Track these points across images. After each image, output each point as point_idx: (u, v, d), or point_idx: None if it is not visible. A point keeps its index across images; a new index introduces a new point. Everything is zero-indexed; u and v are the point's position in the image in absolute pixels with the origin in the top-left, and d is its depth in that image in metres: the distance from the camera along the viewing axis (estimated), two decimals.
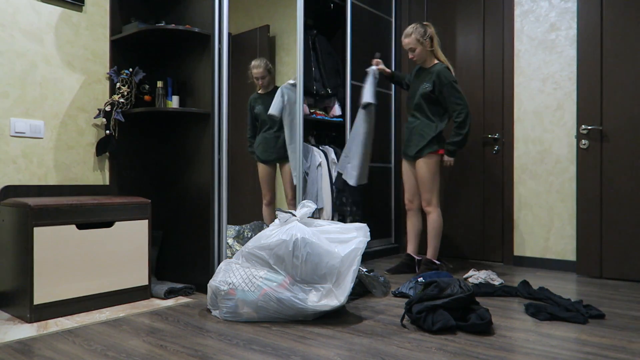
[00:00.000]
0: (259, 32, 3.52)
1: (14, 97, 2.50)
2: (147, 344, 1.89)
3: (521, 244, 3.65)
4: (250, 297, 2.15)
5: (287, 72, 3.41)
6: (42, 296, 2.20)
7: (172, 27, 2.66)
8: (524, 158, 3.64)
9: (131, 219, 2.53)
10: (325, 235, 2.30)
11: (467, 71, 3.91)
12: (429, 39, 3.16)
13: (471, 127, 3.18)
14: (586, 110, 3.22)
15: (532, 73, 3.60)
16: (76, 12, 2.73)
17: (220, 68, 2.73)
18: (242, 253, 2.30)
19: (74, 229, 2.31)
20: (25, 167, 2.53)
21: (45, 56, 2.61)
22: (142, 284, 2.57)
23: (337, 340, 1.94)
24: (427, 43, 3.16)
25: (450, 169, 3.75)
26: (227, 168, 2.75)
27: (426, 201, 3.23)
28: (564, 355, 1.78)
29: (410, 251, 3.42)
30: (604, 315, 2.27)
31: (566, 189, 3.45)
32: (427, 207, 3.24)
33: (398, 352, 1.81)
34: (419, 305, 2.10)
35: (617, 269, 3.13)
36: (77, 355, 1.76)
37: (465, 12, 3.94)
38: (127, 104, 2.79)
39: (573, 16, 3.42)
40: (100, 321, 2.20)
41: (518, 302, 2.55)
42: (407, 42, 3.18)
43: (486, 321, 2.01)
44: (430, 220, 3.25)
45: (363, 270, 2.68)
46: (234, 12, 3.08)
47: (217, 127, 2.73)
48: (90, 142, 2.81)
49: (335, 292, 2.18)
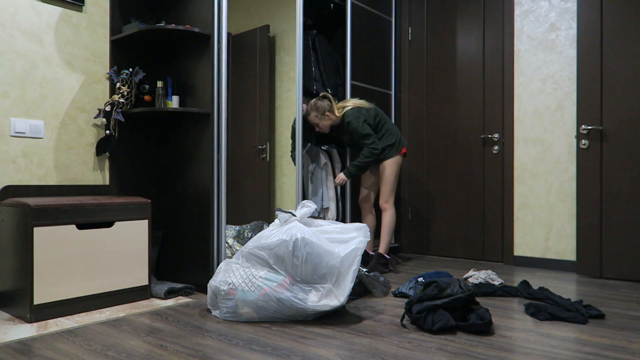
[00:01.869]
0: (259, 32, 3.52)
1: (14, 97, 2.50)
2: (147, 344, 1.89)
3: (521, 244, 3.65)
4: (250, 297, 2.15)
5: (287, 72, 3.41)
6: (42, 296, 2.20)
7: (172, 27, 2.66)
8: (524, 158, 3.64)
9: (131, 219, 2.53)
10: (325, 235, 2.30)
11: (467, 71, 3.91)
12: (328, 109, 3.32)
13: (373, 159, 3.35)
14: (586, 110, 3.23)
15: (532, 73, 3.60)
16: (76, 12, 2.73)
17: (220, 68, 2.73)
18: (242, 253, 2.30)
19: (74, 229, 2.31)
20: (25, 167, 2.53)
21: (45, 56, 2.61)
22: (142, 284, 2.57)
23: (337, 340, 1.94)
24: (328, 114, 3.32)
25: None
26: (226, 168, 2.75)
27: (385, 199, 3.42)
28: (564, 355, 1.78)
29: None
30: (604, 315, 2.27)
31: (566, 189, 3.45)
32: (385, 204, 3.43)
33: (398, 352, 1.81)
34: (419, 305, 2.10)
35: (617, 269, 3.13)
36: (77, 355, 1.76)
37: (465, 12, 3.94)
38: (127, 104, 2.79)
39: (573, 16, 3.42)
40: (100, 321, 2.20)
41: (518, 302, 2.55)
42: (311, 119, 3.36)
43: (486, 321, 2.01)
44: (388, 216, 3.42)
45: (363, 270, 2.68)
46: (234, 12, 3.08)
47: (217, 127, 2.73)
48: (90, 142, 2.81)
49: (335, 292, 2.18)
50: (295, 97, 3.23)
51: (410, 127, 4.21)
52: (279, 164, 3.47)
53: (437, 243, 4.08)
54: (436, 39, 4.08)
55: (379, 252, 3.41)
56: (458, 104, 3.96)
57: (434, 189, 4.09)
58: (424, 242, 4.15)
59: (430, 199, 4.11)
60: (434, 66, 4.09)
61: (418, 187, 4.17)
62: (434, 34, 4.10)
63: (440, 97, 4.06)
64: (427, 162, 4.13)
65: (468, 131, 3.91)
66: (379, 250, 3.42)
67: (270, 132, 3.52)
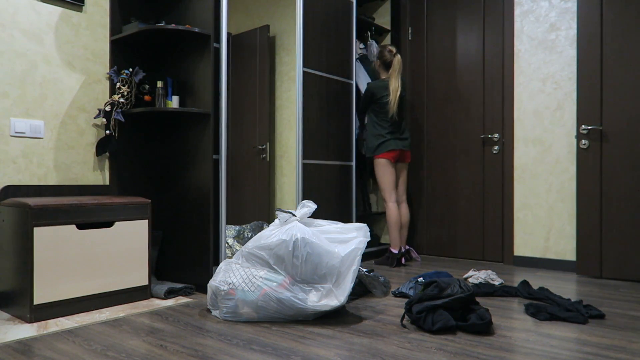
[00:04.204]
0: (259, 32, 3.52)
1: (14, 97, 2.50)
2: (147, 344, 1.89)
3: (521, 244, 3.65)
4: (250, 297, 2.15)
5: (287, 72, 3.41)
6: (42, 296, 2.20)
7: (172, 27, 2.66)
8: (524, 158, 3.64)
9: (131, 219, 2.53)
10: (325, 235, 2.30)
11: (467, 71, 3.91)
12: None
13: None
14: (586, 110, 3.23)
15: (532, 73, 3.60)
16: (76, 12, 2.73)
17: (220, 68, 2.73)
18: (242, 253, 2.30)
19: (74, 229, 2.31)
20: (25, 167, 2.53)
21: (45, 56, 2.61)
22: (142, 284, 2.57)
23: (337, 340, 1.94)
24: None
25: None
26: (226, 168, 2.75)
27: (403, 196, 3.70)
28: (564, 355, 1.78)
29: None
30: (604, 315, 2.27)
31: (566, 189, 3.45)
32: (403, 202, 3.71)
33: (398, 352, 1.81)
34: (419, 305, 2.10)
35: (617, 269, 3.13)
36: (77, 355, 1.76)
37: (465, 12, 3.94)
38: (127, 104, 2.79)
39: (573, 16, 3.42)
40: (100, 321, 2.20)
41: (518, 302, 2.55)
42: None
43: (486, 321, 2.01)
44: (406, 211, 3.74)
45: (363, 270, 2.68)
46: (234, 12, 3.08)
47: (217, 127, 2.73)
48: (90, 142, 2.81)
49: (335, 292, 2.18)
50: (296, 97, 3.23)
51: (410, 127, 4.21)
52: (279, 164, 3.47)
53: (437, 243, 4.08)
54: (436, 39, 4.08)
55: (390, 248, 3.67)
56: (458, 104, 3.96)
57: (433, 189, 4.09)
58: (424, 242, 4.15)
59: (430, 199, 4.11)
60: (434, 66, 4.09)
61: (418, 187, 4.17)
62: (434, 34, 4.10)
63: (440, 97, 4.06)
64: (427, 162, 4.13)
65: (468, 131, 3.91)
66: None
67: (270, 132, 3.52)
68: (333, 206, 3.51)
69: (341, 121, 3.61)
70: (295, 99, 3.23)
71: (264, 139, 3.53)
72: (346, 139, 3.65)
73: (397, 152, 3.56)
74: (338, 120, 3.57)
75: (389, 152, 3.52)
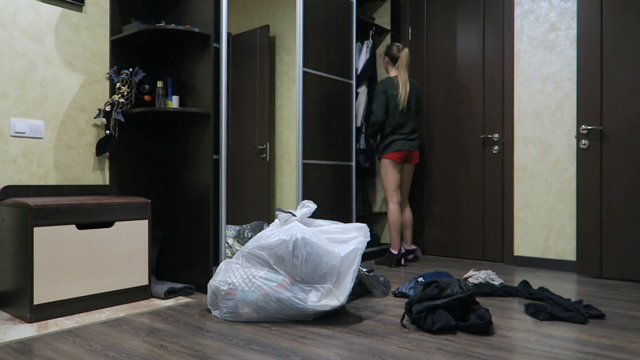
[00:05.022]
0: (259, 32, 3.52)
1: (14, 97, 2.50)
2: (147, 344, 1.89)
3: (521, 244, 3.65)
4: (250, 297, 2.15)
5: (287, 72, 3.41)
6: (42, 296, 2.20)
7: (172, 27, 2.66)
8: (524, 158, 3.64)
9: (131, 219, 2.53)
10: (325, 235, 2.30)
11: (467, 71, 3.91)
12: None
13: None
14: (586, 110, 3.23)
15: (532, 73, 3.60)
16: (76, 12, 2.73)
17: (220, 68, 2.73)
18: (242, 253, 2.30)
19: (74, 229, 2.31)
20: (25, 167, 2.53)
21: (45, 56, 2.61)
22: (142, 284, 2.57)
23: (337, 340, 1.94)
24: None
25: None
26: (226, 168, 2.75)
27: (405, 197, 3.75)
28: (564, 355, 1.78)
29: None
30: (604, 315, 2.27)
31: (566, 189, 3.45)
32: (405, 203, 3.76)
33: (398, 352, 1.81)
34: (419, 305, 2.10)
35: (617, 269, 3.13)
36: (77, 355, 1.76)
37: (465, 12, 3.94)
38: (127, 104, 2.79)
39: (573, 16, 3.42)
40: (100, 321, 2.20)
41: (518, 302, 2.55)
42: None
43: (486, 321, 2.01)
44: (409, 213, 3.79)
45: (363, 270, 2.68)
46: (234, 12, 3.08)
47: (217, 127, 2.73)
48: (90, 142, 2.81)
49: (335, 292, 2.18)
50: (296, 97, 3.23)
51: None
52: (279, 164, 3.47)
53: (437, 243, 4.08)
54: (436, 39, 4.08)
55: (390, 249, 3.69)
56: (458, 104, 3.96)
57: (434, 189, 4.09)
58: (424, 242, 4.15)
59: (430, 199, 4.11)
60: (434, 66, 4.09)
61: (418, 187, 4.17)
62: (434, 34, 4.10)
63: (440, 97, 4.06)
64: (427, 162, 4.13)
65: (468, 131, 3.91)
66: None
67: (270, 132, 3.52)
68: (333, 206, 3.52)
69: (341, 121, 3.61)
70: (295, 99, 3.23)
71: (264, 139, 3.53)
72: (346, 139, 3.65)
73: (404, 153, 3.55)
74: (338, 120, 3.57)
75: (395, 152, 3.52)
